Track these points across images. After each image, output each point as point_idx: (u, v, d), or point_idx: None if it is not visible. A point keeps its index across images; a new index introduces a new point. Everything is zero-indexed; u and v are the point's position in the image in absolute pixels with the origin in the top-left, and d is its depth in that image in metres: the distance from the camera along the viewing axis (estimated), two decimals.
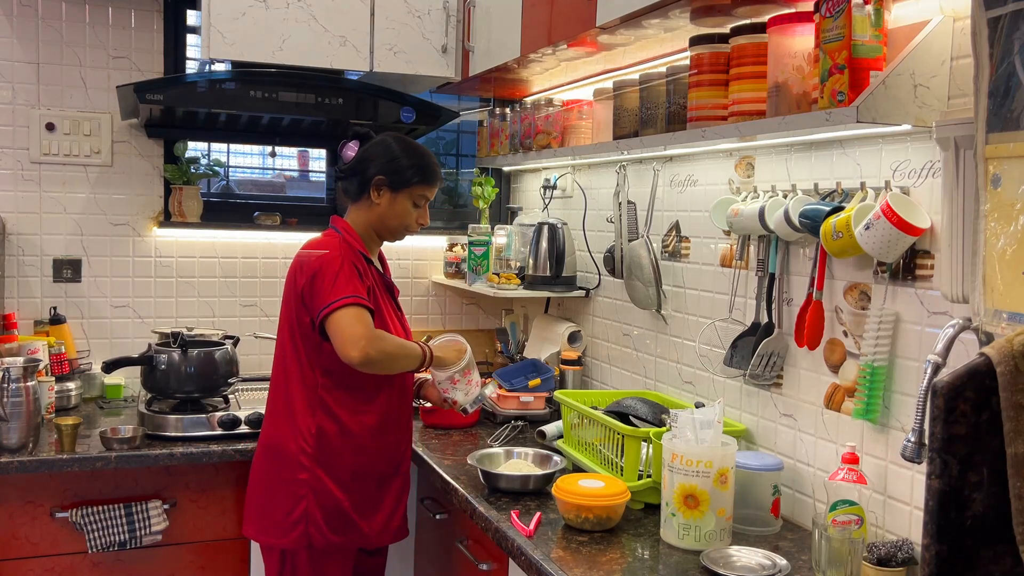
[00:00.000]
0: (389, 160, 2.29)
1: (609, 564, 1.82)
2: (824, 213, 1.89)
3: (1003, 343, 1.15)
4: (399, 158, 2.30)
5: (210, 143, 3.48)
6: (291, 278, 2.29)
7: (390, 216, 2.32)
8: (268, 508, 2.29)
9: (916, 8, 1.79)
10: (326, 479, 2.25)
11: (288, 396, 2.29)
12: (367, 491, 2.31)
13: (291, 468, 2.26)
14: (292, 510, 2.24)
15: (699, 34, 2.16)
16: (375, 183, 2.29)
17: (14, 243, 3.12)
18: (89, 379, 3.10)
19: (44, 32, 3.10)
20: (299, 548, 2.24)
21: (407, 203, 2.32)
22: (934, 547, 1.15)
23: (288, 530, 2.24)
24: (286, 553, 2.27)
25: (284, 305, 2.33)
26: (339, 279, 2.16)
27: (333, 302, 2.14)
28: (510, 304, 3.71)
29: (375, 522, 2.32)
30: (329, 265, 2.18)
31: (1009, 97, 1.32)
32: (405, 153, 2.31)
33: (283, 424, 2.29)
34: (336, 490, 2.26)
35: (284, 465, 2.27)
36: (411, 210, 2.34)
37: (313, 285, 2.18)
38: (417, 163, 2.31)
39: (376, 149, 2.32)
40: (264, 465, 2.33)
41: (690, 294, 2.58)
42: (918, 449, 1.48)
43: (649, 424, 2.26)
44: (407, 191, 2.31)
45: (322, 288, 2.17)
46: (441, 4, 3.07)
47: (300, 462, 2.25)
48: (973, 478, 1.14)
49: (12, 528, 2.49)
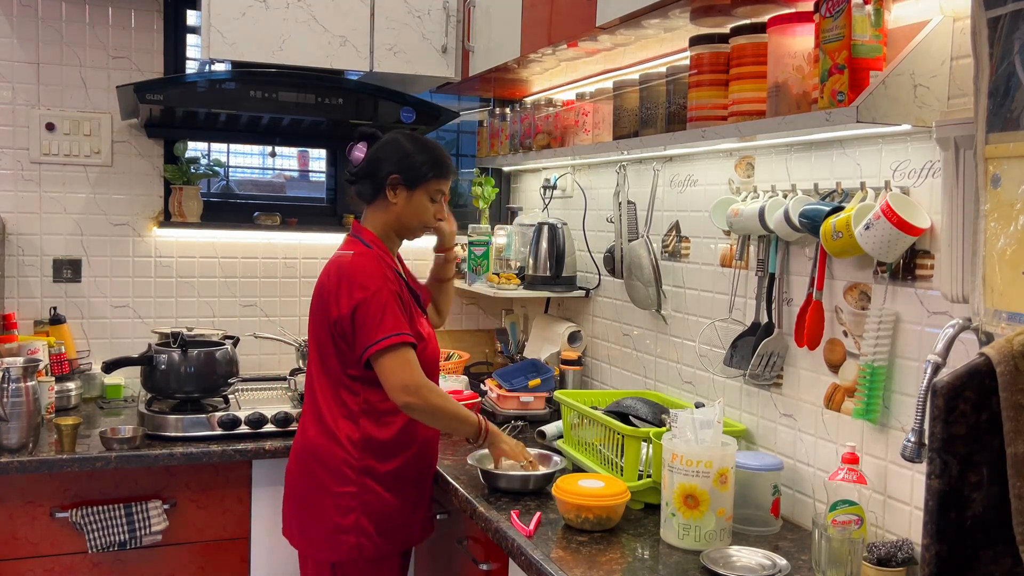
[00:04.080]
0: (401, 157, 2.25)
1: (609, 564, 1.82)
2: (824, 213, 1.89)
3: (1003, 343, 1.15)
4: (412, 155, 2.26)
5: (210, 143, 3.48)
6: (325, 294, 2.20)
7: (408, 214, 2.28)
8: (315, 520, 2.22)
9: (916, 8, 1.79)
10: (374, 486, 2.21)
11: (325, 404, 2.24)
12: (409, 492, 2.29)
13: (338, 479, 2.20)
14: (342, 522, 2.19)
15: (699, 34, 2.16)
16: (390, 182, 2.24)
17: (14, 243, 3.12)
18: (89, 379, 3.10)
19: (44, 32, 3.10)
20: (351, 559, 2.21)
21: (424, 199, 2.28)
22: (934, 547, 1.15)
23: (339, 543, 2.20)
24: (336, 565, 2.22)
25: (314, 319, 2.26)
26: (386, 315, 2.13)
27: (380, 340, 2.11)
28: (510, 304, 3.71)
29: (417, 521, 2.32)
30: (375, 297, 2.13)
31: (1009, 97, 1.32)
32: (417, 149, 2.27)
33: (323, 432, 2.23)
34: (384, 496, 2.22)
35: (329, 476, 2.21)
36: (429, 206, 2.29)
37: (355, 318, 2.13)
38: (430, 158, 2.27)
39: (387, 148, 2.28)
40: (306, 475, 2.26)
41: (690, 294, 2.58)
42: (918, 449, 1.48)
43: (649, 424, 2.26)
44: (423, 187, 2.26)
45: (367, 322, 2.12)
46: (441, 4, 3.07)
47: (346, 473, 2.20)
48: (973, 478, 1.14)
49: (12, 528, 2.49)
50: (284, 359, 3.38)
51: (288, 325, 3.43)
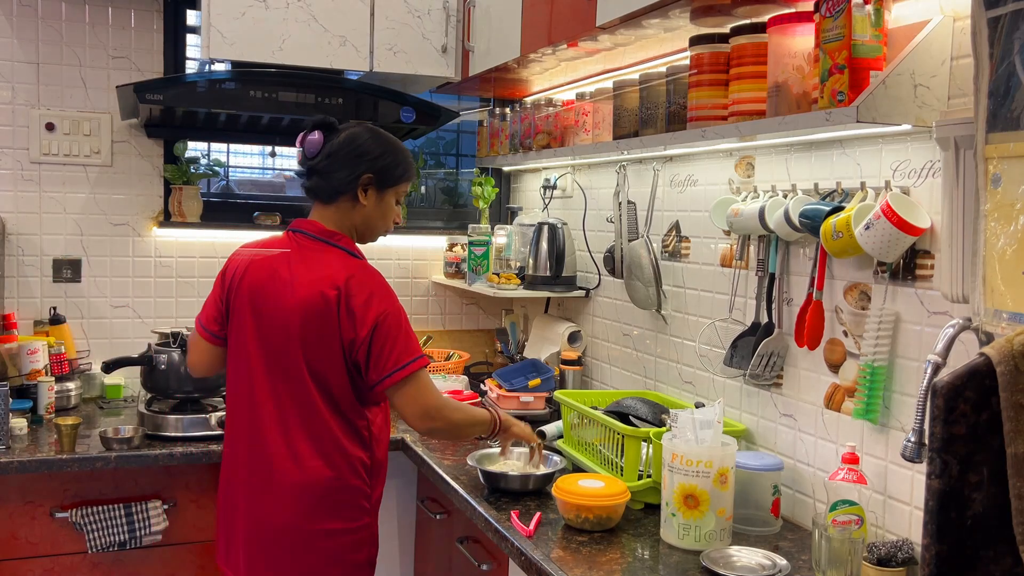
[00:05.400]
0: (375, 157, 2.08)
1: (609, 564, 1.82)
2: (824, 213, 1.89)
3: (1003, 343, 1.15)
4: (384, 155, 2.10)
5: (210, 143, 3.48)
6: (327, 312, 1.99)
7: (376, 216, 2.13)
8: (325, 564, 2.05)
9: (916, 8, 1.79)
10: (375, 509, 2.14)
11: (326, 430, 2.03)
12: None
13: (354, 513, 2.07)
14: (357, 559, 2.09)
15: (699, 34, 2.16)
16: (363, 183, 2.07)
17: (14, 243, 3.12)
18: (89, 379, 3.10)
19: (44, 32, 3.10)
20: None
21: (391, 201, 2.15)
22: (934, 547, 1.15)
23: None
24: None
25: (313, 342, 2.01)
26: (407, 336, 2.00)
27: (402, 367, 1.97)
28: (510, 304, 3.71)
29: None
30: (392, 318, 1.99)
31: (1009, 97, 1.32)
32: (388, 149, 2.11)
33: (329, 464, 2.03)
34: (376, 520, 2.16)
35: (347, 511, 2.06)
36: (394, 208, 2.17)
37: (372, 345, 1.97)
38: (401, 159, 2.13)
39: (357, 146, 2.08)
40: (308, 515, 2.03)
41: (690, 294, 2.58)
42: (918, 449, 1.48)
43: (649, 424, 2.26)
44: (393, 189, 2.14)
45: (384, 349, 1.97)
46: (441, 4, 3.07)
47: (363, 505, 2.08)
48: (973, 478, 1.14)
49: (12, 528, 2.49)
50: None
51: None
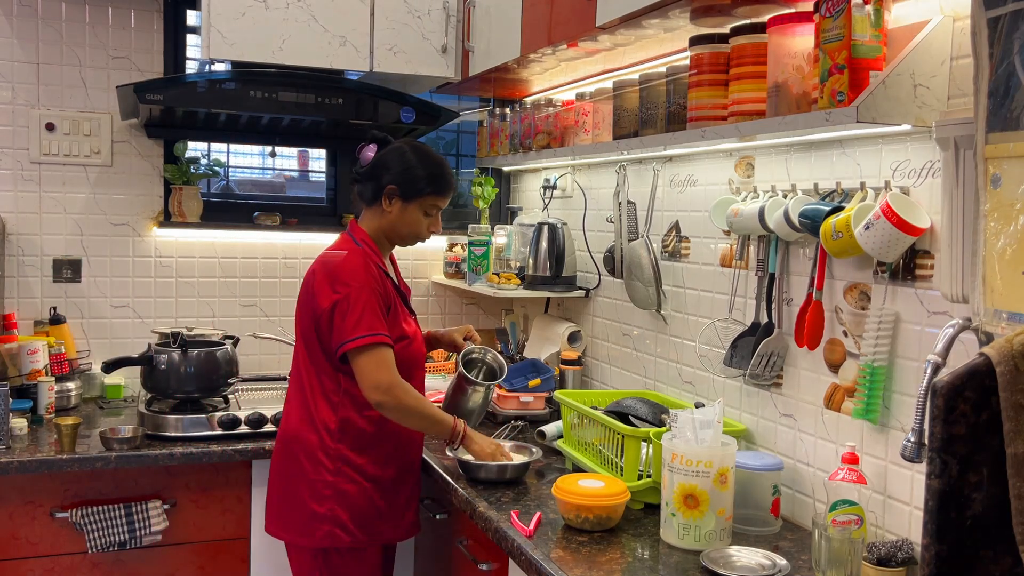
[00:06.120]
0: (403, 170, 2.29)
1: (609, 564, 1.82)
2: (824, 213, 1.89)
3: (1003, 343, 1.15)
4: (413, 168, 2.30)
5: (210, 143, 3.48)
6: (311, 286, 2.26)
7: (401, 224, 2.33)
8: (293, 507, 2.28)
9: (916, 8, 1.79)
10: (353, 475, 2.26)
11: (310, 390, 2.29)
12: (389, 487, 2.32)
13: (314, 465, 2.26)
14: (318, 509, 2.25)
15: (699, 34, 2.16)
16: (387, 192, 2.30)
17: (14, 243, 3.12)
18: (89, 379, 3.10)
19: (44, 32, 3.10)
20: (327, 548, 2.25)
21: (418, 213, 2.33)
22: (934, 547, 1.15)
23: (314, 530, 2.25)
24: (316, 552, 2.27)
25: (301, 309, 2.32)
26: (365, 313, 2.18)
27: (357, 338, 2.16)
28: (510, 304, 3.71)
29: (397, 518, 2.34)
30: (356, 295, 2.18)
31: (1009, 97, 1.32)
32: (420, 163, 2.31)
33: (303, 419, 2.29)
34: (364, 486, 2.27)
35: (307, 461, 2.27)
36: (422, 219, 2.34)
37: (334, 314, 2.19)
38: (430, 173, 2.31)
39: (391, 157, 2.32)
40: (285, 462, 2.33)
41: (690, 294, 2.58)
42: (918, 449, 1.48)
43: (649, 424, 2.26)
44: (418, 201, 2.31)
45: (345, 319, 2.17)
46: (441, 4, 3.07)
47: (320, 459, 2.26)
48: (973, 478, 1.14)
49: (12, 528, 2.49)
50: (284, 359, 3.37)
51: (288, 325, 3.41)
